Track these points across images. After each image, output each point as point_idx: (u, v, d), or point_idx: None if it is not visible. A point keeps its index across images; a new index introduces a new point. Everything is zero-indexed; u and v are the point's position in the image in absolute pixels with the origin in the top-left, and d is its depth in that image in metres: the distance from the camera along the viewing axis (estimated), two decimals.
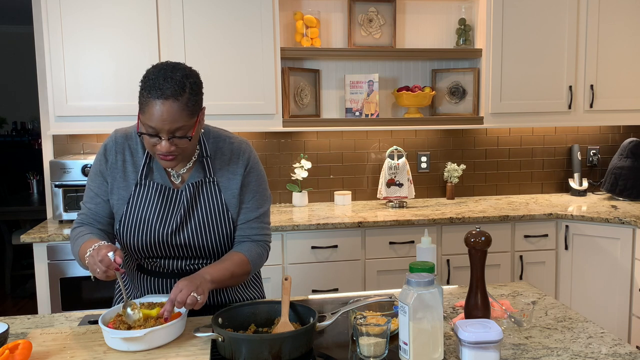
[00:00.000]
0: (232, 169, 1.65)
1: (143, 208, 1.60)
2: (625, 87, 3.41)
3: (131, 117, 2.99)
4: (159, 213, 1.60)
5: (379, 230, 2.99)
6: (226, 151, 1.66)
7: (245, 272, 1.64)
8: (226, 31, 3.01)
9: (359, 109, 3.36)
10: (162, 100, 1.42)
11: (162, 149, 1.47)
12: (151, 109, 1.43)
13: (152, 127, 1.45)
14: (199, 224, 1.61)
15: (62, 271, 2.78)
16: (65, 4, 2.89)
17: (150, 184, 1.61)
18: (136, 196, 1.60)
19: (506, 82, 3.29)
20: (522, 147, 3.74)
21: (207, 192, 1.63)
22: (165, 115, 1.43)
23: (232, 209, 1.65)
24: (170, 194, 1.61)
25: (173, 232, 1.60)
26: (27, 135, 7.70)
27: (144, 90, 1.45)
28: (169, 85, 1.43)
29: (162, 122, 1.44)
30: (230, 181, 1.65)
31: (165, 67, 1.48)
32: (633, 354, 1.34)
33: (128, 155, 1.62)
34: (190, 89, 1.47)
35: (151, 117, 1.44)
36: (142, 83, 1.47)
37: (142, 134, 1.48)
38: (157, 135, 1.46)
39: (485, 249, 1.44)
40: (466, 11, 3.46)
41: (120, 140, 1.63)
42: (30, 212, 4.76)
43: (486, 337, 1.25)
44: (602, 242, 3.04)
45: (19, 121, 7.95)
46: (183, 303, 1.40)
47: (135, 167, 1.62)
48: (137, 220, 1.60)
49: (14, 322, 1.61)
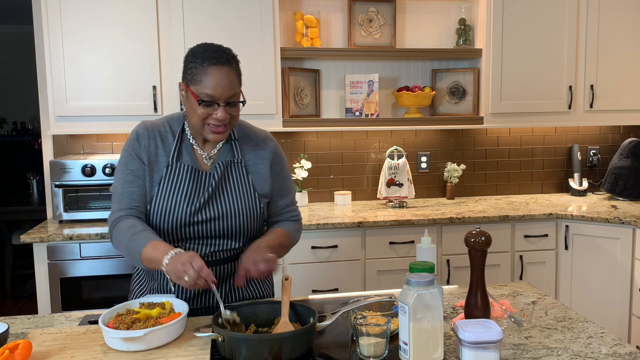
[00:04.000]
0: (259, 153, 1.73)
1: (174, 189, 1.64)
2: (625, 87, 3.41)
3: (131, 117, 2.99)
4: (189, 192, 1.64)
5: (379, 230, 2.99)
6: (252, 137, 1.75)
7: (288, 244, 1.78)
8: (226, 31, 3.01)
9: (359, 109, 3.36)
10: (219, 66, 1.53)
11: (219, 116, 1.55)
12: (210, 76, 1.53)
13: (210, 95, 1.53)
14: (227, 201, 1.67)
15: (62, 271, 2.78)
16: (65, 4, 2.89)
17: (181, 166, 1.65)
18: (167, 177, 1.64)
19: (506, 82, 3.29)
20: (522, 147, 3.74)
21: (235, 172, 1.69)
22: (225, 80, 1.53)
23: (259, 190, 1.71)
24: (200, 176, 1.66)
25: (202, 209, 1.63)
26: (27, 135, 7.70)
27: (198, 61, 1.54)
28: (222, 54, 1.55)
29: (222, 87, 1.53)
30: (257, 165, 1.72)
31: (209, 44, 1.60)
32: (633, 354, 1.34)
33: (159, 141, 1.67)
34: (236, 61, 1.60)
35: (210, 83, 1.53)
36: (192, 57, 1.56)
37: (201, 102, 1.54)
38: (214, 103, 1.54)
39: (485, 249, 1.44)
40: (466, 11, 3.47)
41: (150, 127, 1.69)
42: (30, 212, 4.76)
43: (486, 337, 1.25)
44: (602, 242, 3.04)
45: (19, 121, 7.95)
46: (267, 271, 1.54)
47: (166, 151, 1.67)
48: (167, 201, 1.63)
49: (14, 322, 1.61)
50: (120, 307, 1.50)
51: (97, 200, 3.07)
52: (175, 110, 3.01)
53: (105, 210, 3.00)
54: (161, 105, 3.01)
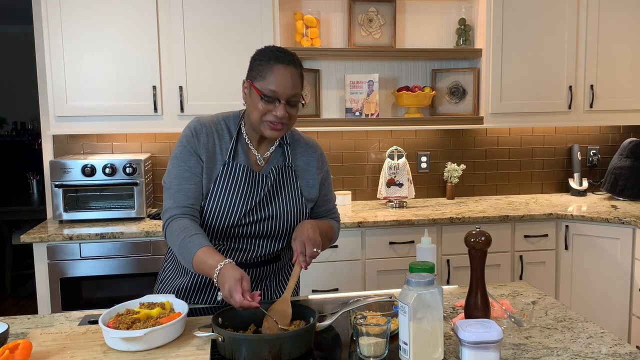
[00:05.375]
0: (307, 159, 1.78)
1: (230, 188, 1.65)
2: (625, 87, 3.41)
3: (131, 117, 3.00)
4: (245, 192, 1.66)
5: (379, 230, 2.99)
6: (302, 143, 1.79)
7: (331, 237, 1.82)
8: (226, 31, 3.01)
9: (359, 109, 3.36)
10: (285, 65, 1.58)
11: (279, 113, 1.57)
12: (275, 73, 1.57)
13: (272, 91, 1.56)
14: (278, 204, 1.70)
15: (62, 271, 2.78)
16: (65, 4, 2.89)
17: (237, 165, 1.67)
18: (224, 176, 1.66)
19: (506, 82, 3.29)
20: (522, 147, 3.74)
21: (286, 175, 1.73)
22: (289, 78, 1.57)
23: (306, 196, 1.75)
24: (255, 176, 1.68)
25: (254, 209, 1.66)
26: (27, 135, 7.70)
27: (265, 59, 1.59)
28: (288, 55, 1.61)
29: (285, 84, 1.57)
30: (305, 171, 1.77)
31: (276, 47, 1.66)
32: (633, 354, 1.34)
33: (217, 139, 1.68)
34: (300, 66, 1.64)
35: (275, 80, 1.57)
36: (259, 56, 1.62)
37: (264, 96, 1.57)
38: (275, 99, 1.57)
39: (485, 249, 1.44)
40: (466, 11, 3.47)
41: (207, 124, 1.69)
42: (30, 212, 4.76)
43: (486, 337, 1.25)
44: (602, 242, 3.04)
45: (19, 121, 7.94)
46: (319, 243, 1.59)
47: (222, 149, 1.68)
48: (223, 199, 1.64)
49: (14, 322, 1.61)
50: (120, 307, 1.50)
51: (97, 200, 3.07)
52: (176, 110, 3.02)
53: (105, 210, 3.00)
54: (161, 105, 3.01)
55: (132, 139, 3.34)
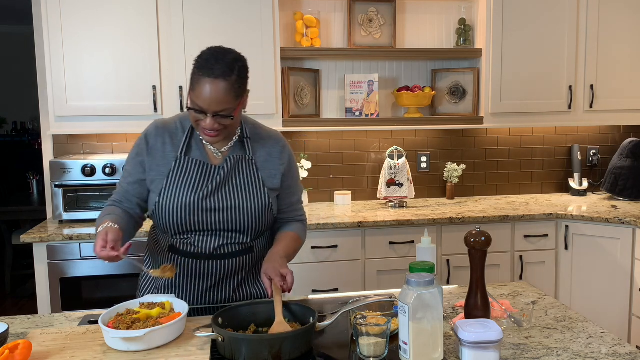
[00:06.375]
0: (269, 150, 1.77)
1: (181, 180, 1.67)
2: (625, 87, 3.41)
3: (131, 117, 2.99)
4: (196, 183, 1.68)
5: (379, 230, 2.99)
6: (264, 135, 1.79)
7: (299, 246, 1.82)
8: (226, 31, 3.01)
9: (359, 109, 3.36)
10: (212, 79, 1.53)
11: (206, 126, 1.58)
12: (200, 87, 1.54)
13: (198, 105, 1.56)
14: (235, 194, 1.70)
15: (62, 271, 2.78)
16: (65, 4, 2.89)
17: (190, 160, 1.69)
18: (175, 170, 1.68)
19: (506, 82, 3.29)
20: (522, 147, 3.74)
21: (246, 167, 1.73)
22: (213, 94, 1.53)
23: (269, 186, 1.74)
24: (208, 170, 1.69)
25: (208, 198, 1.66)
26: (27, 135, 7.70)
27: (197, 68, 1.56)
28: (220, 66, 1.54)
29: (210, 101, 1.54)
30: (267, 162, 1.76)
31: (218, 50, 1.60)
32: (633, 354, 1.34)
33: (167, 138, 1.72)
34: (238, 72, 1.58)
35: (200, 95, 1.54)
36: (195, 62, 1.57)
37: (190, 109, 1.58)
38: (203, 112, 1.56)
39: (485, 249, 1.44)
40: (466, 11, 3.47)
41: (160, 126, 1.74)
42: (30, 212, 4.76)
43: (486, 337, 1.25)
44: (602, 242, 3.04)
45: (19, 121, 7.94)
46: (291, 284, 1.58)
47: (175, 147, 1.71)
48: (173, 190, 1.67)
49: (14, 322, 1.61)
50: (120, 307, 1.50)
51: (97, 200, 3.07)
52: (176, 110, 3.01)
53: None
54: (161, 105, 3.01)
55: (132, 139, 3.34)
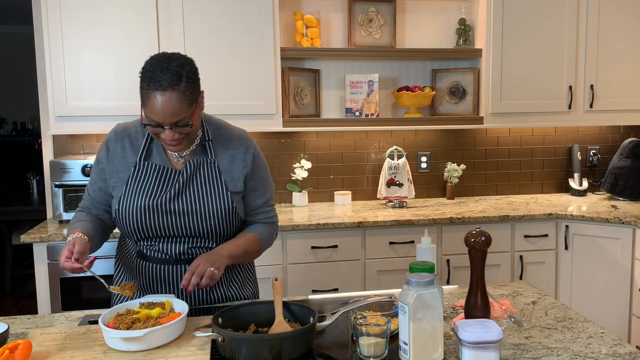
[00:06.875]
0: (232, 152, 1.72)
1: (141, 187, 1.65)
2: (625, 87, 3.41)
3: (131, 117, 2.96)
4: (157, 190, 1.65)
5: (379, 230, 2.99)
6: (227, 136, 1.73)
7: (257, 250, 1.76)
8: (226, 31, 3.01)
9: (359, 109, 3.36)
10: (160, 92, 1.48)
11: (167, 137, 1.54)
12: (151, 101, 1.49)
13: (153, 120, 1.52)
14: (196, 198, 1.66)
15: (62, 271, 2.77)
16: (65, 4, 2.89)
17: (149, 165, 1.67)
18: (135, 176, 1.66)
19: (506, 82, 3.29)
20: (522, 147, 3.74)
21: (207, 171, 1.68)
22: (165, 106, 1.48)
23: (232, 189, 1.69)
24: (169, 174, 1.66)
25: (168, 202, 1.64)
26: (27, 135, 7.70)
27: (143, 82, 1.51)
28: (166, 76, 1.49)
29: (164, 113, 1.49)
30: (230, 165, 1.71)
31: (161, 58, 1.53)
32: (633, 354, 1.34)
33: (127, 143, 1.70)
34: (186, 77, 1.52)
35: (152, 109, 1.50)
36: (141, 75, 1.53)
37: (146, 125, 1.55)
38: (159, 125, 1.52)
39: (485, 249, 1.44)
40: (466, 11, 3.46)
41: (120, 131, 1.73)
42: (30, 212, 4.76)
43: (486, 337, 1.25)
44: (602, 242, 3.04)
45: (19, 121, 7.94)
46: (201, 274, 1.53)
47: (135, 152, 1.69)
48: (135, 198, 1.64)
49: (14, 322, 1.61)
50: (120, 307, 1.50)
51: None
52: None
53: None
54: None
55: None
